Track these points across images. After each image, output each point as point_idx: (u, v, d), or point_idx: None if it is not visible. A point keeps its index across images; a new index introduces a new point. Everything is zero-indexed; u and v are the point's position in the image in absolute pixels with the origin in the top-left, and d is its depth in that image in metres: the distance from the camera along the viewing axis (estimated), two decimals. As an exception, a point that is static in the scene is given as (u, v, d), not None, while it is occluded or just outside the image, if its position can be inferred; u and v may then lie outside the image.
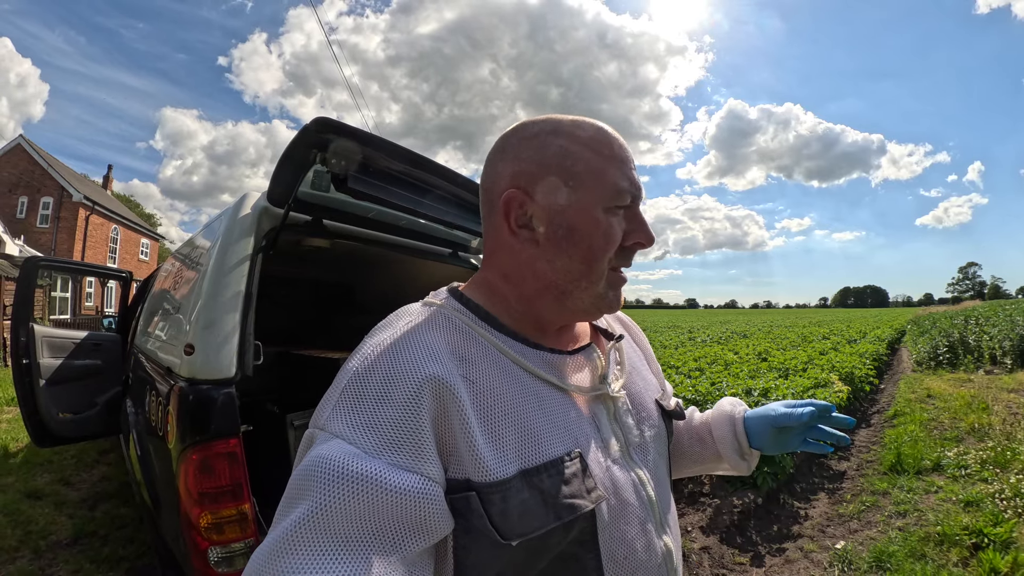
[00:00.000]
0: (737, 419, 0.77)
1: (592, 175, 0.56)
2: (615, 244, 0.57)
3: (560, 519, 0.47)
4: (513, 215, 0.57)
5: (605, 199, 0.56)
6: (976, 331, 10.14)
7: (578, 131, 0.58)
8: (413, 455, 0.44)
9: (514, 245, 0.58)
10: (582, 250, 0.56)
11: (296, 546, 0.40)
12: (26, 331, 3.15)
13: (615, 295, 0.60)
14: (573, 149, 0.57)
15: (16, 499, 3.37)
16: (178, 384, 1.43)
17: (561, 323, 0.62)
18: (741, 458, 0.76)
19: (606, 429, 0.58)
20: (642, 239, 0.59)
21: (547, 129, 0.58)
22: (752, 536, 2.94)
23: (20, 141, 20.37)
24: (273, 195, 1.46)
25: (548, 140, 0.57)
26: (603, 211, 0.56)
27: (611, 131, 0.59)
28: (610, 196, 0.56)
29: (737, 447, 0.76)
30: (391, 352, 0.49)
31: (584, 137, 0.57)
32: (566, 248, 0.56)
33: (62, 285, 16.05)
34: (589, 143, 0.57)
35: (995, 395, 5.83)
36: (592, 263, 0.56)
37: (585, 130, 0.58)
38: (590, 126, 0.58)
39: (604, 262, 0.57)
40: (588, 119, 0.59)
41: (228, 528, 1.30)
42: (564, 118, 0.59)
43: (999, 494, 3.09)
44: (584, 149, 0.57)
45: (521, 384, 0.53)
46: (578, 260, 0.56)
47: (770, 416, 0.73)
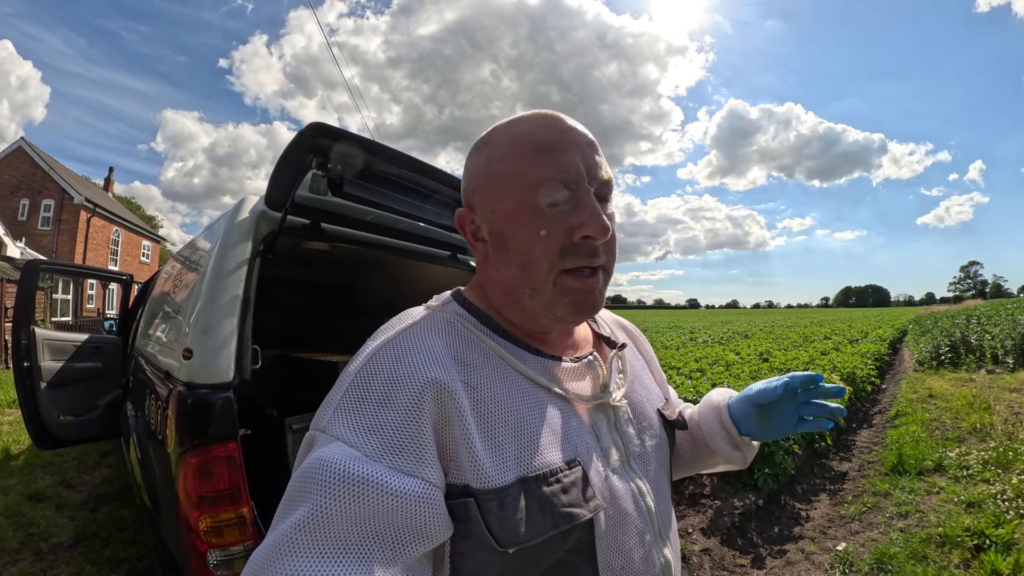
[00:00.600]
0: (723, 407, 0.73)
1: (512, 176, 0.53)
2: (554, 244, 0.52)
3: (557, 528, 0.47)
4: (469, 231, 0.59)
5: (529, 197, 0.52)
6: (978, 330, 10.11)
7: (504, 133, 0.56)
8: (414, 459, 0.44)
9: (477, 258, 0.60)
10: (516, 256, 0.54)
11: (295, 548, 0.40)
12: (27, 334, 3.16)
13: (572, 301, 0.54)
14: (496, 154, 0.55)
15: (18, 501, 3.38)
16: (177, 388, 1.43)
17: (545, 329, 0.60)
18: (734, 448, 0.72)
19: (606, 438, 0.57)
20: (589, 231, 0.52)
21: (482, 141, 0.58)
22: (753, 538, 2.93)
23: (21, 143, 20.42)
24: (271, 199, 1.46)
25: (480, 152, 0.58)
26: (532, 211, 0.52)
27: (547, 119, 0.55)
28: (533, 192, 0.52)
29: (727, 437, 0.71)
30: (393, 356, 0.49)
31: (506, 138, 0.55)
32: (504, 256, 0.55)
33: (63, 287, 16.09)
34: (510, 142, 0.55)
35: (997, 395, 5.81)
36: (527, 268, 0.53)
37: (512, 129, 0.56)
38: (519, 122, 0.56)
39: (541, 268, 0.53)
40: (533, 112, 0.57)
41: (227, 531, 1.31)
42: (503, 121, 0.58)
43: (1001, 495, 3.08)
44: (505, 152, 0.55)
45: (522, 391, 0.53)
46: (515, 267, 0.54)
47: (747, 395, 0.69)
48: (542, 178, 0.52)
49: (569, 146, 0.54)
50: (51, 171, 19.98)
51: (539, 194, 0.52)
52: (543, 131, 0.54)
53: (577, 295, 0.54)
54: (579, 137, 0.55)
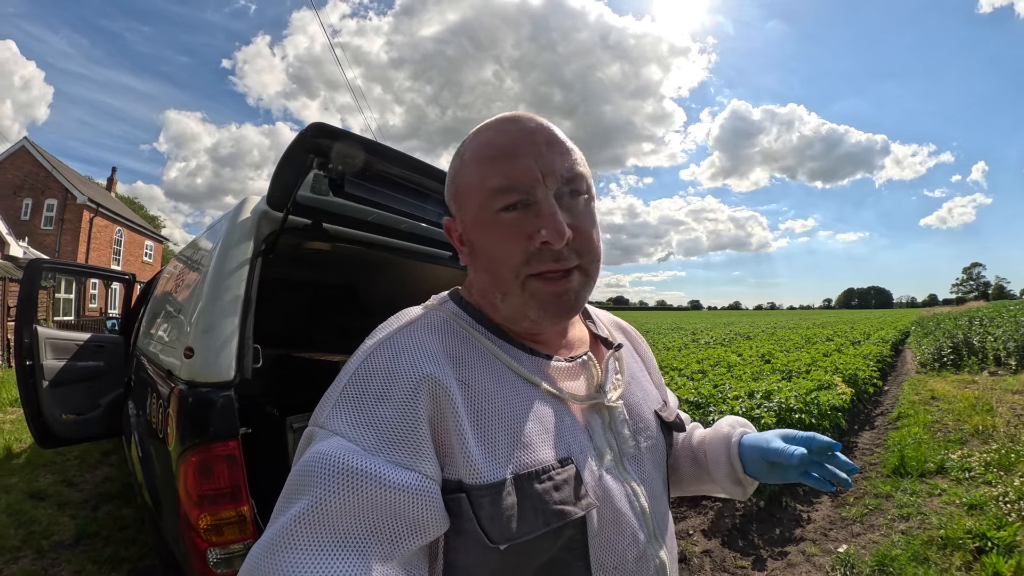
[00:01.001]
0: (733, 443, 0.71)
1: (473, 184, 0.55)
2: (515, 250, 0.52)
3: (549, 525, 0.48)
4: (454, 236, 0.61)
5: (487, 206, 0.54)
6: (980, 332, 10.08)
7: (470, 143, 0.57)
8: (411, 453, 0.45)
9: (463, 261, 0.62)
10: (484, 262, 0.56)
11: (294, 541, 0.40)
12: (30, 333, 3.17)
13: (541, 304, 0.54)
14: (460, 166, 0.58)
15: (19, 499, 3.39)
16: (178, 386, 1.44)
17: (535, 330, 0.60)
18: (735, 483, 0.71)
19: (600, 439, 0.57)
20: (547, 236, 0.51)
21: (458, 150, 0.60)
22: (754, 539, 2.93)
23: (24, 143, 20.50)
24: (272, 199, 1.47)
25: (454, 162, 0.60)
26: (490, 219, 0.53)
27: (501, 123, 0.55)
28: (490, 201, 0.53)
29: (731, 472, 0.70)
30: (390, 353, 0.50)
31: (470, 149, 0.57)
32: (476, 262, 0.58)
33: (66, 287, 16.15)
34: (472, 151, 0.56)
35: (999, 396, 5.79)
36: (494, 274, 0.55)
37: (475, 139, 0.57)
38: (481, 129, 0.57)
39: (506, 271, 0.54)
40: (497, 117, 0.57)
41: (227, 529, 1.31)
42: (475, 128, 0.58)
43: (1003, 497, 3.06)
44: (466, 163, 0.57)
45: (516, 389, 0.54)
46: (483, 272, 0.57)
47: (762, 447, 0.67)
48: (495, 187, 0.53)
49: (523, 149, 0.53)
50: (54, 171, 20.05)
51: (494, 202, 0.53)
52: (498, 138, 0.55)
53: (545, 297, 0.54)
54: (537, 138, 0.54)
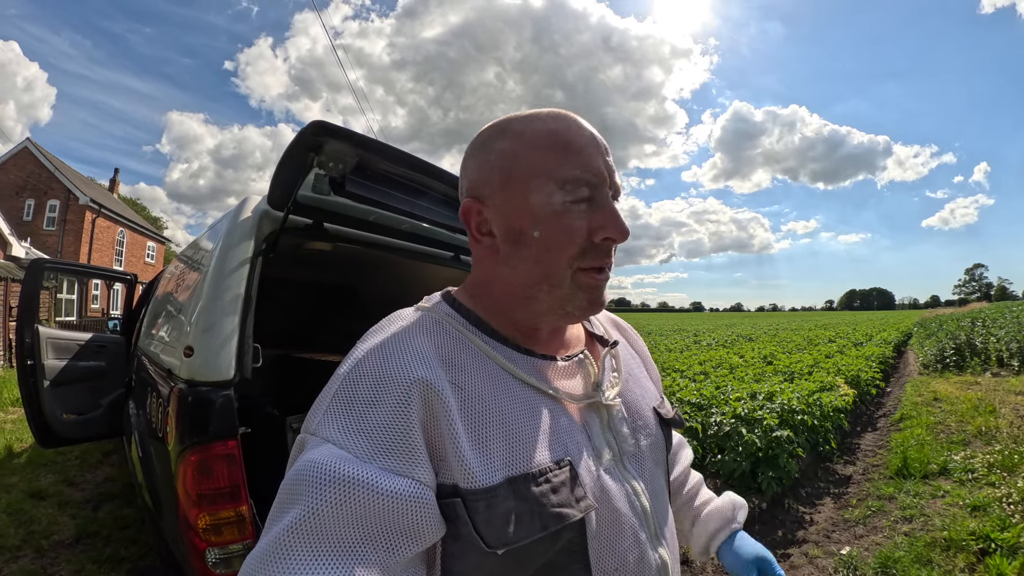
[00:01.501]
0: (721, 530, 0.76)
1: (537, 172, 0.53)
2: (574, 242, 0.53)
3: (547, 528, 0.47)
4: (474, 224, 0.57)
5: (553, 194, 0.53)
6: (983, 333, 10.04)
7: (526, 127, 0.55)
8: (404, 459, 0.44)
9: (480, 253, 0.58)
10: (535, 253, 0.54)
11: (288, 551, 0.39)
12: (31, 332, 3.17)
13: (588, 297, 0.56)
14: (517, 149, 0.54)
15: (20, 499, 3.40)
16: (178, 386, 1.43)
17: (542, 327, 0.60)
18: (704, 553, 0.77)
19: (598, 438, 0.56)
20: (611, 233, 0.53)
21: (495, 132, 0.57)
22: (757, 541, 2.91)
23: (27, 144, 20.57)
24: (273, 198, 1.46)
25: (493, 144, 0.56)
26: (554, 208, 0.53)
27: (569, 119, 0.55)
28: (558, 190, 0.53)
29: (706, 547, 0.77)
30: (380, 357, 0.49)
31: (531, 133, 0.55)
32: (521, 252, 0.55)
33: (68, 287, 16.19)
34: (535, 138, 0.54)
35: (1002, 398, 5.76)
36: (547, 265, 0.54)
37: (535, 124, 0.55)
38: (544, 118, 0.55)
39: (562, 263, 0.53)
40: (549, 110, 0.56)
41: (226, 529, 1.31)
42: (518, 115, 0.57)
43: (1006, 498, 3.05)
44: (527, 146, 0.54)
45: (510, 391, 0.53)
46: (532, 263, 0.54)
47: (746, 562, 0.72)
48: (570, 176, 0.53)
49: (593, 147, 0.55)
50: (57, 172, 20.11)
51: (565, 192, 0.53)
52: (570, 131, 0.55)
53: (591, 292, 0.56)
54: (599, 141, 0.56)
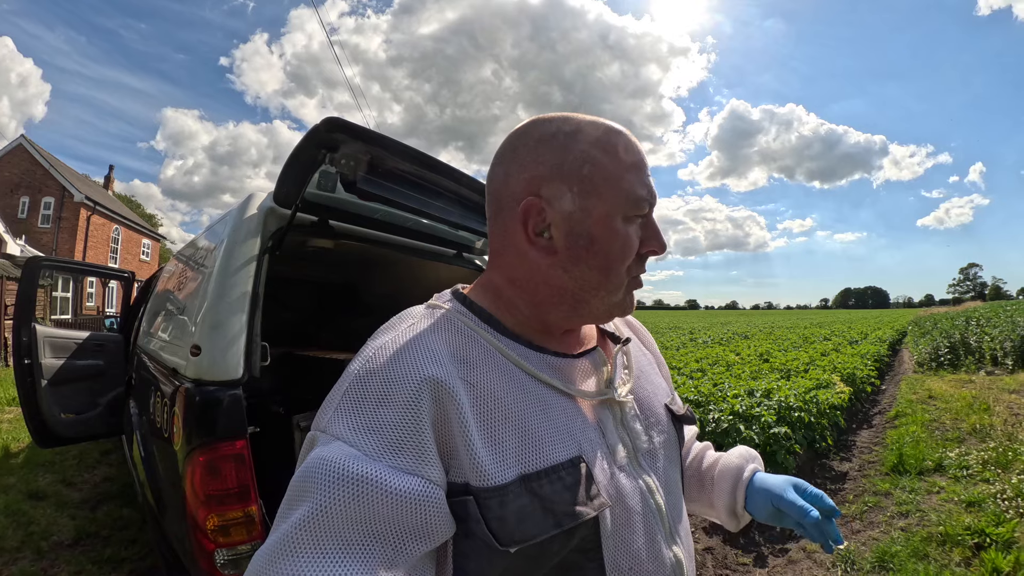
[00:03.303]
0: (743, 480, 0.72)
1: (612, 183, 0.54)
2: (633, 253, 0.56)
3: (560, 527, 0.46)
4: (531, 223, 0.55)
5: (624, 208, 0.54)
6: (977, 332, 10.13)
7: (598, 135, 0.55)
8: (414, 458, 0.44)
9: (529, 252, 0.56)
10: (600, 260, 0.55)
11: (297, 548, 0.40)
12: (28, 331, 3.14)
13: (630, 300, 0.60)
14: (593, 154, 0.54)
15: (18, 500, 3.37)
16: (184, 385, 1.42)
17: (569, 327, 0.61)
18: (732, 516, 0.73)
19: (612, 435, 0.56)
20: (656, 247, 0.58)
21: (565, 130, 0.55)
22: (755, 536, 2.93)
23: (22, 141, 20.35)
24: (280, 196, 1.45)
25: (567, 144, 0.54)
26: (621, 221, 0.55)
27: (630, 135, 0.57)
28: (629, 205, 0.55)
29: (731, 504, 0.72)
30: (392, 355, 0.49)
31: (604, 142, 0.55)
32: (585, 258, 0.54)
33: (63, 285, 16.05)
34: (609, 148, 0.55)
35: (996, 396, 5.82)
36: (610, 273, 0.55)
37: (605, 134, 0.55)
38: (610, 129, 0.56)
39: (623, 272, 0.56)
40: (606, 121, 0.56)
41: (235, 530, 1.30)
42: (582, 118, 0.56)
43: (1001, 494, 3.09)
44: (604, 155, 0.54)
45: (523, 388, 0.53)
46: (596, 270, 0.55)
47: (775, 495, 0.67)
48: (641, 196, 0.55)
49: (647, 167, 0.58)
50: (51, 169, 19.91)
51: (632, 208, 0.55)
52: (637, 149, 0.57)
53: (632, 298, 0.60)
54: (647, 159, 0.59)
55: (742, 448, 0.78)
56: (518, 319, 0.58)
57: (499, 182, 0.58)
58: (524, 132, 0.57)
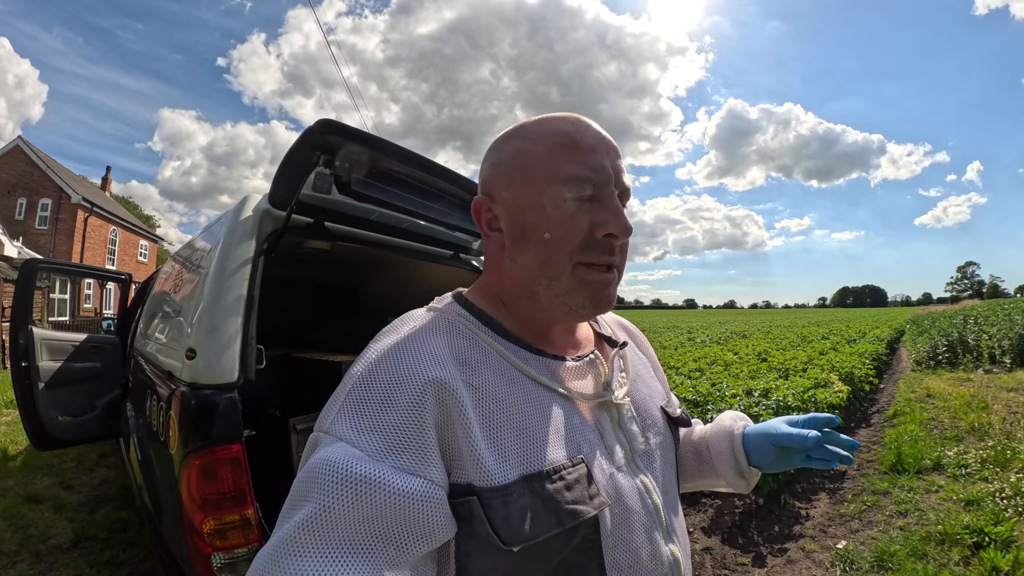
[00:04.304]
0: (736, 435, 0.72)
1: (542, 168, 0.55)
2: (573, 236, 0.54)
3: (562, 525, 0.47)
4: (484, 219, 0.59)
5: (558, 189, 0.54)
6: (975, 330, 10.15)
7: (536, 128, 0.57)
8: (417, 459, 0.45)
9: (491, 248, 0.60)
10: (535, 246, 0.55)
11: (299, 548, 0.40)
12: (25, 333, 3.14)
13: (591, 294, 0.56)
14: (526, 147, 0.57)
15: (16, 503, 3.36)
16: (180, 388, 1.42)
17: (552, 327, 0.61)
18: (740, 476, 0.72)
19: (610, 436, 0.57)
20: (613, 229, 0.54)
21: (509, 133, 0.59)
22: (754, 536, 2.94)
23: (19, 142, 20.31)
24: (275, 197, 1.45)
25: (506, 143, 0.59)
26: (557, 204, 0.54)
27: (579, 121, 0.57)
28: (562, 186, 0.54)
29: (735, 464, 0.71)
30: (395, 357, 0.50)
31: (540, 132, 0.57)
32: (523, 246, 0.56)
33: (61, 287, 16.02)
34: (543, 137, 0.56)
35: (995, 394, 5.84)
36: (546, 258, 0.55)
37: (544, 125, 0.57)
38: (553, 120, 0.57)
39: (561, 257, 0.54)
40: (561, 114, 0.58)
41: (231, 533, 1.30)
42: (531, 118, 0.59)
43: (1000, 493, 3.09)
44: (536, 144, 0.56)
45: (524, 390, 0.53)
46: (532, 256, 0.55)
47: (771, 434, 0.68)
48: (573, 174, 0.54)
49: (598, 147, 0.56)
50: (49, 170, 19.87)
51: (569, 187, 0.54)
52: (575, 131, 0.56)
53: (594, 288, 0.56)
54: (608, 142, 0.57)
55: (727, 412, 0.79)
56: (511, 320, 0.59)
57: None
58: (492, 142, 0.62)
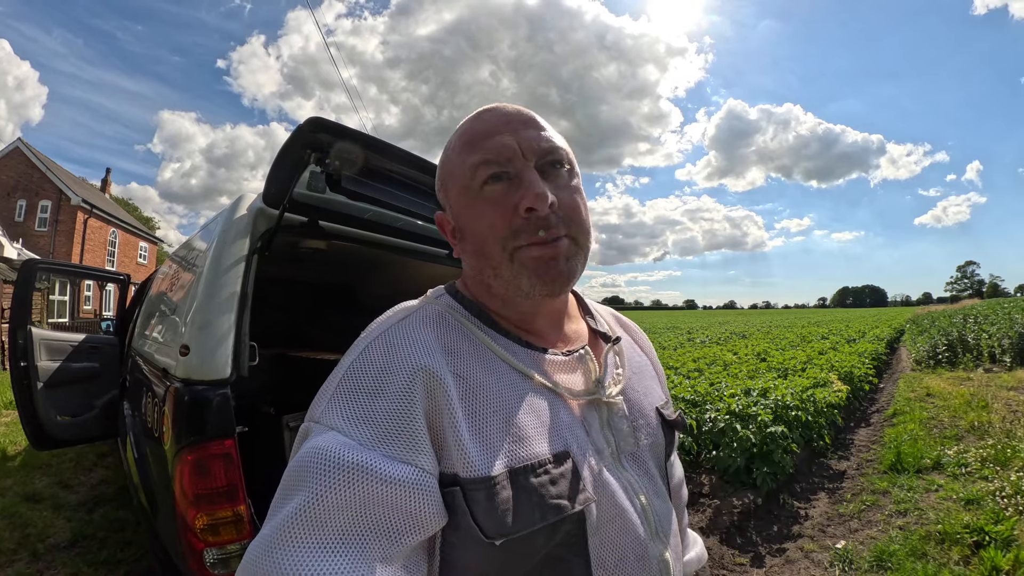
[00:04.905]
0: None
1: (456, 169, 0.57)
2: (500, 225, 0.53)
3: (546, 520, 0.47)
4: (447, 230, 0.62)
5: (470, 184, 0.55)
6: (975, 329, 10.14)
7: (454, 136, 0.60)
8: (407, 447, 0.45)
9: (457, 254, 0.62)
10: (473, 244, 0.57)
11: (292, 538, 0.40)
12: (24, 334, 3.14)
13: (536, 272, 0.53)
14: (445, 155, 0.60)
15: (14, 502, 3.37)
16: (173, 385, 1.42)
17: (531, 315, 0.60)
18: None
19: (597, 434, 0.56)
20: (528, 202, 0.52)
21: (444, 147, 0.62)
22: (752, 536, 2.93)
23: (18, 144, 20.36)
24: (268, 196, 1.45)
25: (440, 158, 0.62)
26: (474, 196, 0.55)
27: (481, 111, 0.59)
28: (470, 178, 0.55)
29: None
30: (385, 347, 0.50)
31: (453, 137, 0.60)
32: (465, 246, 0.59)
33: (60, 288, 16.04)
34: (454, 140, 0.59)
35: (995, 393, 5.82)
36: (483, 250, 0.55)
37: (458, 129, 0.60)
38: (465, 120, 0.60)
39: (493, 243, 0.54)
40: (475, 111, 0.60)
41: (224, 529, 1.30)
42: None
43: (1000, 492, 3.08)
44: (451, 150, 0.59)
45: (510, 382, 0.53)
46: (473, 254, 0.57)
47: None
48: (475, 162, 0.55)
49: (498, 128, 0.55)
50: (48, 172, 19.91)
51: (476, 177, 0.55)
52: (475, 124, 0.58)
53: (534, 265, 0.53)
54: (511, 118, 0.56)
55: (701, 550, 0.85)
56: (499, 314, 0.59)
57: None
58: None
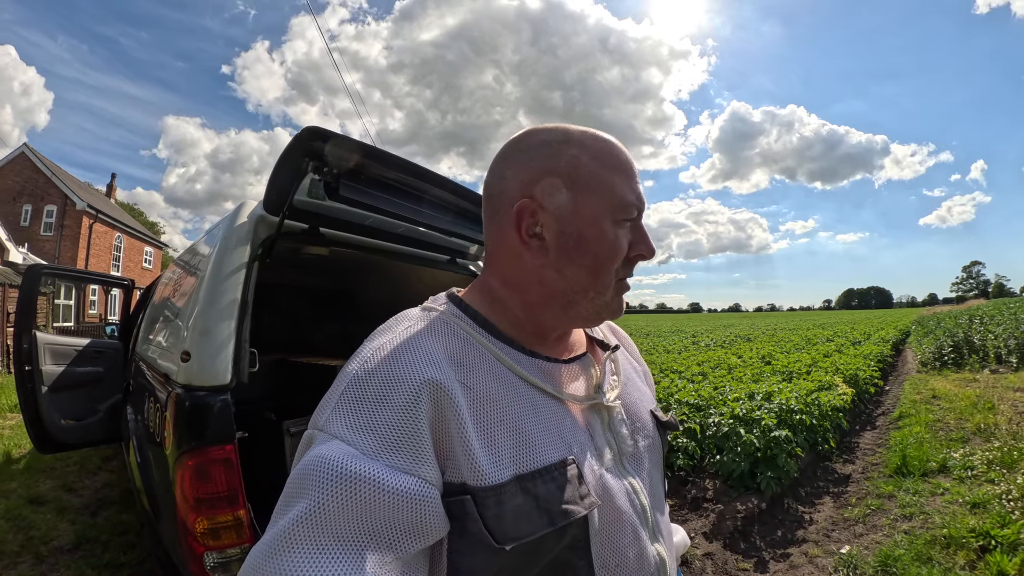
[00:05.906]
0: None
1: (601, 187, 0.56)
2: (622, 256, 0.57)
3: (554, 524, 0.48)
4: (525, 224, 0.57)
5: (613, 211, 0.57)
6: (981, 330, 10.07)
7: (588, 141, 0.58)
8: (411, 457, 0.45)
9: (523, 254, 0.58)
10: (589, 260, 0.57)
11: (293, 545, 0.40)
12: (29, 338, 3.16)
13: (619, 303, 0.61)
14: (583, 160, 0.57)
15: (18, 505, 3.39)
16: (175, 391, 1.43)
17: (562, 330, 0.63)
18: None
19: (600, 438, 0.58)
20: (644, 251, 0.59)
21: (558, 138, 0.58)
22: (756, 541, 2.91)
23: (24, 149, 20.54)
24: (269, 203, 1.47)
25: (559, 148, 0.57)
26: (611, 223, 0.57)
27: (618, 143, 0.60)
28: (618, 209, 0.57)
29: None
30: (390, 356, 0.50)
31: (594, 148, 0.58)
32: (575, 258, 0.57)
33: (65, 293, 16.15)
34: (599, 154, 0.58)
35: (1001, 394, 5.77)
36: (599, 274, 0.57)
37: (595, 141, 0.58)
38: (599, 138, 0.59)
39: (611, 273, 0.57)
40: (597, 131, 0.60)
41: (224, 534, 1.31)
42: (574, 128, 0.59)
43: (1006, 495, 3.05)
44: (593, 160, 0.57)
45: (517, 391, 0.54)
46: (585, 270, 0.57)
47: None
48: (628, 200, 0.57)
49: (636, 174, 0.60)
50: (54, 177, 20.08)
51: (625, 211, 0.57)
52: (626, 156, 0.59)
53: (620, 300, 0.61)
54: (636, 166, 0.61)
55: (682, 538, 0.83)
56: (511, 322, 0.60)
57: (495, 186, 0.60)
58: (519, 140, 0.60)
